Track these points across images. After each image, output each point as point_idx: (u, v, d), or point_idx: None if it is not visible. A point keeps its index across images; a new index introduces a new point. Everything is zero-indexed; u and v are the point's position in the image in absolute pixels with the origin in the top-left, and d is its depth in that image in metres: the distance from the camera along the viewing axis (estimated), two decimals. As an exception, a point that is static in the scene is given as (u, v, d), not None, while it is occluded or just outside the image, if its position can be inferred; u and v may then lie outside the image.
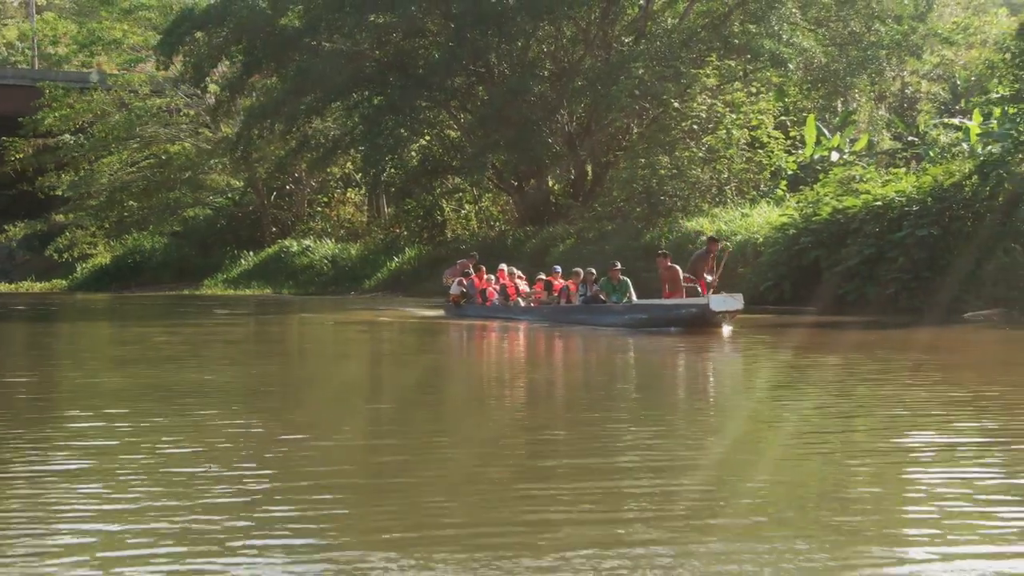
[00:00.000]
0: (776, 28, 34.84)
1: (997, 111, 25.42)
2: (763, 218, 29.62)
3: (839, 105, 40.48)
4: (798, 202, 28.20)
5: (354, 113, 43.01)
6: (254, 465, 7.08)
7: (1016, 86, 24.19)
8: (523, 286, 26.70)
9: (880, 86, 40.72)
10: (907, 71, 41.58)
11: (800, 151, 35.48)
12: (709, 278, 21.03)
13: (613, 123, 38.54)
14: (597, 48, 38.71)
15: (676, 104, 34.22)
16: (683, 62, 35.09)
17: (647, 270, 24.83)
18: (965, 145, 27.94)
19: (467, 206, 49.72)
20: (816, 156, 34.48)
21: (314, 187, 56.99)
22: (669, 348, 17.31)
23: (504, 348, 19.67)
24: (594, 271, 23.41)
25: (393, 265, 44.35)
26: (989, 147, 24.75)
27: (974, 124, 27.76)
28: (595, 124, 39.05)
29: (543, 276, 26.18)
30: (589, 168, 40.52)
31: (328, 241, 50.63)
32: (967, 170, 24.49)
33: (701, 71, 34.52)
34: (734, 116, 33.57)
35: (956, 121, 31.68)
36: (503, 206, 48.08)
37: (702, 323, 19.24)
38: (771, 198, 32.73)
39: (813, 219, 26.36)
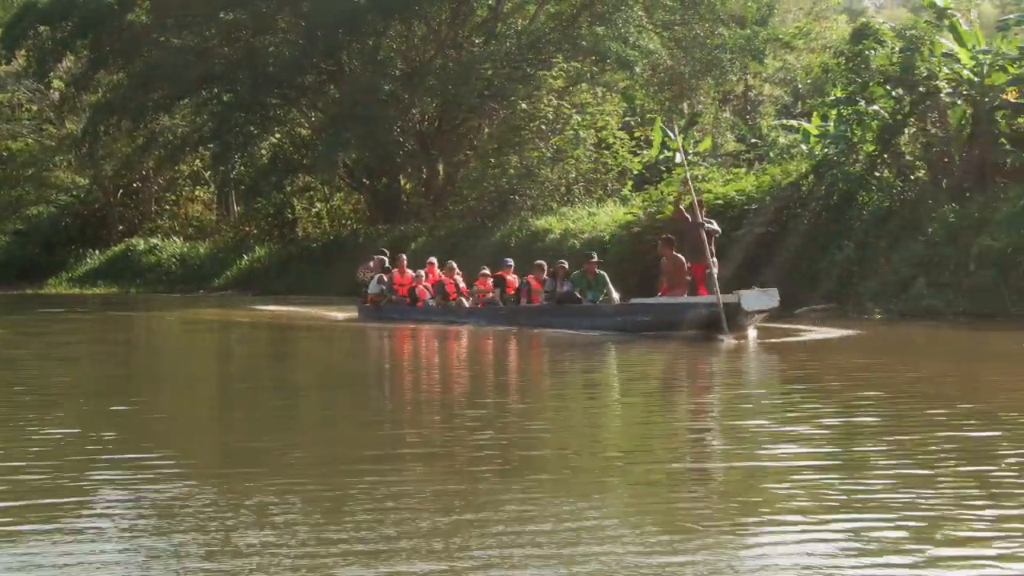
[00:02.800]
0: (623, 30, 35.39)
1: (833, 113, 26.17)
2: (609, 216, 30.11)
3: (685, 107, 41.24)
4: (643, 201, 28.74)
5: (203, 110, 42.60)
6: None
7: (850, 89, 24.97)
8: (461, 283, 23.30)
9: (724, 88, 41.62)
10: (750, 74, 42.56)
11: (646, 151, 36.09)
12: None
13: (464, 123, 38.75)
14: (448, 48, 38.87)
15: (524, 105, 34.62)
16: (531, 64, 35.53)
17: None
18: (804, 146, 28.72)
19: (318, 204, 49.58)
20: (661, 157, 35.07)
21: (162, 185, 56.20)
22: (698, 354, 14.91)
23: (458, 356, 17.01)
24: (565, 264, 20.82)
25: (243, 264, 44.14)
26: (825, 148, 25.49)
27: (812, 126, 28.54)
28: (446, 123, 39.26)
29: (487, 271, 22.92)
30: (441, 167, 40.61)
31: (176, 240, 50.07)
32: (804, 170, 25.27)
33: (548, 73, 34.93)
34: (580, 118, 34.09)
35: (795, 123, 32.52)
36: (355, 204, 47.99)
37: (730, 324, 16.06)
38: (617, 197, 33.35)
39: (657, 217, 26.90)
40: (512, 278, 21.72)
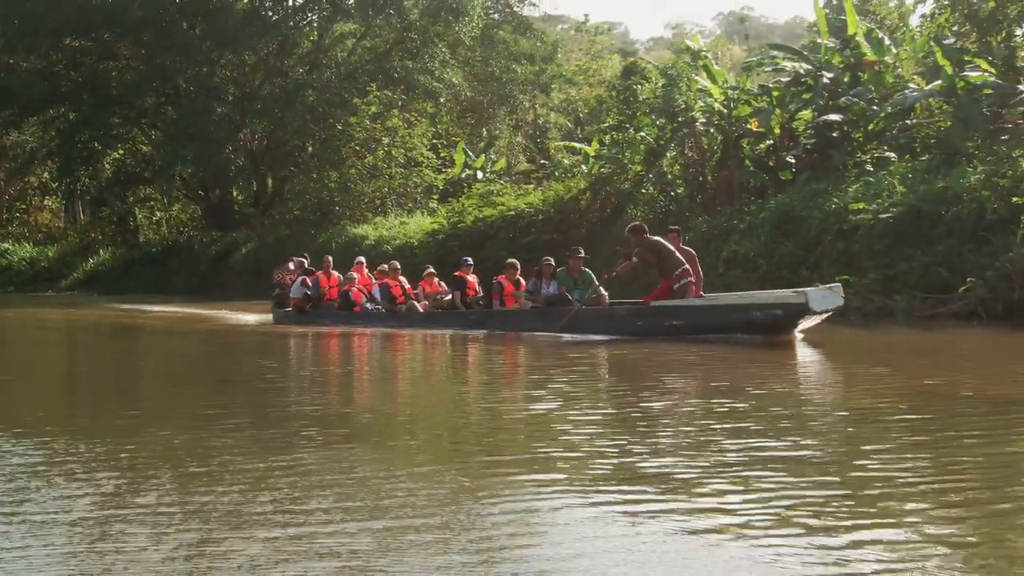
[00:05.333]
0: (429, 65, 35.42)
1: (607, 138, 26.57)
2: (418, 225, 30.16)
3: (484, 132, 41.56)
4: (447, 212, 28.84)
5: (50, 127, 40.80)
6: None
7: (621, 118, 25.41)
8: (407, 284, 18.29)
9: (517, 116, 41.97)
10: (539, 104, 42.97)
11: (450, 170, 36.21)
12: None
13: (290, 142, 38.23)
14: (275, 76, 38.31)
15: (341, 127, 34.44)
16: (348, 92, 35.35)
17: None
18: (584, 166, 29.10)
19: (158, 213, 48.43)
20: (463, 174, 35.21)
21: (12, 194, 53.81)
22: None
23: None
24: (551, 261, 15.99)
25: (88, 266, 43.07)
26: (600, 167, 25.89)
27: (590, 148, 28.92)
28: (274, 142, 38.65)
29: (431, 270, 18.58)
30: (269, 180, 40.00)
31: (27, 244, 48.12)
32: (582, 186, 25.63)
33: (363, 101, 34.80)
34: (390, 140, 34.09)
35: (577, 146, 32.93)
36: (192, 213, 46.83)
37: (787, 327, 12.85)
38: (425, 209, 33.42)
39: (459, 226, 27.10)
40: (473, 279, 17.40)
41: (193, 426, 7.20)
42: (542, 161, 38.97)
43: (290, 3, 38.42)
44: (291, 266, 20.86)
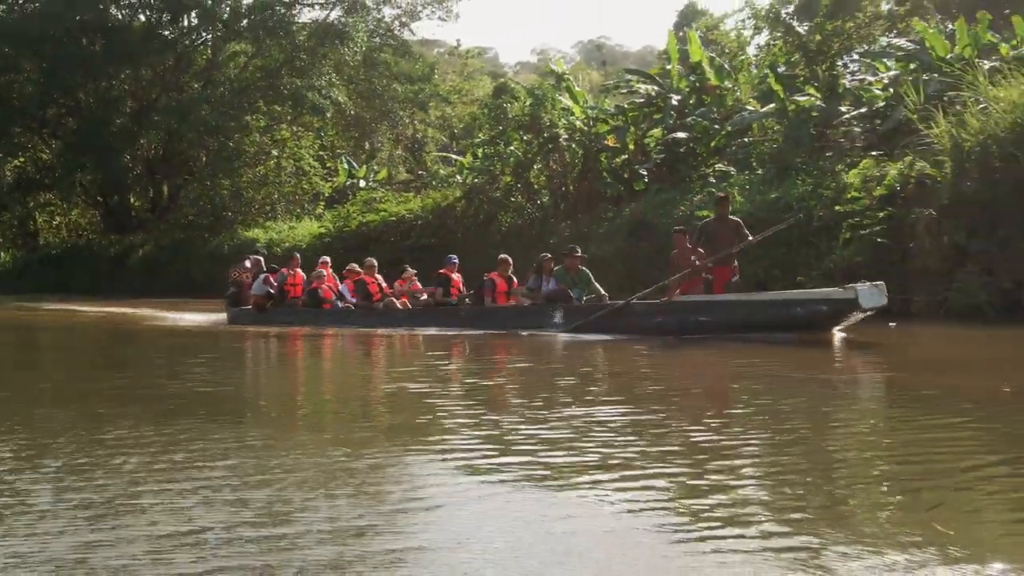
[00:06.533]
0: (316, 83, 35.09)
1: (480, 152, 26.64)
2: (306, 229, 29.91)
3: (367, 144, 41.32)
4: (333, 217, 28.66)
5: (-47, 136, 39.12)
6: None
7: (492, 134, 25.52)
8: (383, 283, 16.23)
9: (397, 131, 41.80)
10: (417, 120, 42.84)
11: (335, 179, 35.91)
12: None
13: (185, 152, 37.42)
14: (171, 90, 37.42)
15: (234, 140, 33.93)
16: (240, 106, 34.85)
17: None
18: (459, 177, 29.15)
19: (58, 217, 46.67)
20: (348, 183, 34.96)
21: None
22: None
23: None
24: (549, 256, 14.43)
25: (-13, 267, 41.29)
26: (474, 178, 25.97)
27: (465, 160, 28.97)
28: (169, 152, 37.74)
29: (408, 269, 16.60)
30: (165, 187, 39.05)
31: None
32: (458, 195, 25.69)
33: (254, 115, 34.37)
34: (279, 151, 33.78)
35: (453, 157, 32.94)
36: (91, 218, 45.33)
37: (830, 325, 11.34)
38: (312, 215, 33.13)
39: (344, 230, 26.95)
40: (457, 277, 15.38)
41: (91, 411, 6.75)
42: (420, 172, 38.91)
43: (185, 23, 37.66)
44: (248, 264, 18.78)
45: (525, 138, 23.87)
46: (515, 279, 14.54)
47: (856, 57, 20.95)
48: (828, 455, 5.03)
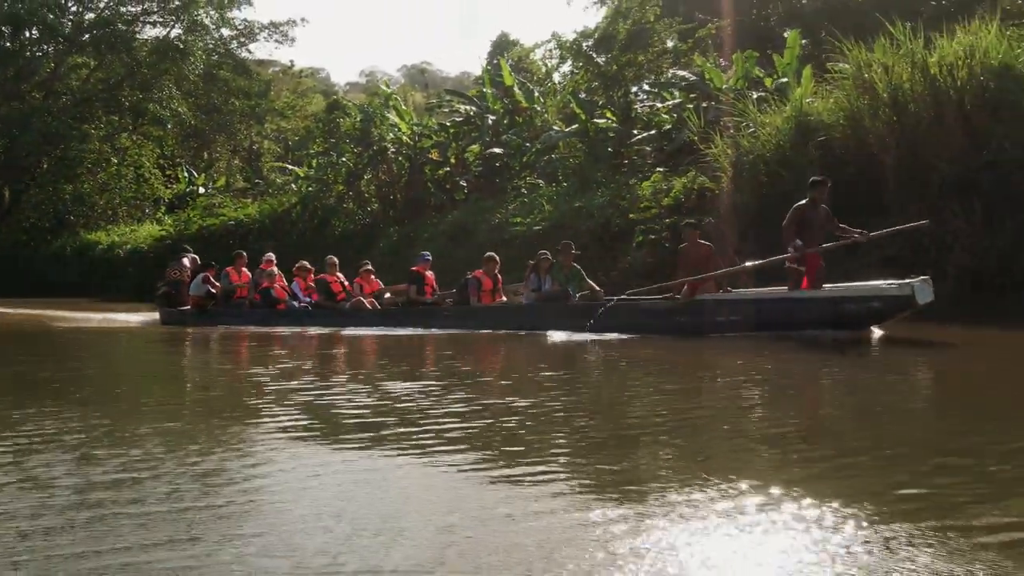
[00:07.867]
0: (157, 96, 33.81)
1: (314, 162, 26.34)
2: (147, 232, 28.86)
3: (206, 154, 40.10)
4: (173, 221, 27.78)
5: None
6: None
7: (326, 146, 25.31)
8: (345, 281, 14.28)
9: (235, 142, 40.75)
10: (254, 132, 41.80)
11: (176, 185, 34.73)
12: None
13: (27, 158, 35.31)
14: (12, 99, 35.23)
15: (74, 148, 32.36)
16: (81, 116, 33.27)
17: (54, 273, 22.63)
18: (294, 185, 28.71)
19: None
20: (188, 190, 33.87)
21: None
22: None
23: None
24: (548, 255, 12.29)
25: None
26: (308, 187, 25.66)
27: (300, 170, 28.58)
28: (10, 158, 35.51)
29: (368, 266, 14.18)
30: (6, 192, 36.76)
31: None
32: (293, 201, 25.31)
33: (93, 126, 32.89)
34: (118, 159, 32.55)
35: (289, 167, 32.38)
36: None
37: (881, 322, 9.69)
38: (153, 219, 31.97)
39: (185, 232, 26.15)
40: (431, 275, 13.66)
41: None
42: (257, 180, 38.06)
43: (27, 35, 35.57)
44: (186, 262, 16.61)
45: (356, 150, 23.78)
46: (500, 277, 12.89)
47: (647, 86, 21.69)
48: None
